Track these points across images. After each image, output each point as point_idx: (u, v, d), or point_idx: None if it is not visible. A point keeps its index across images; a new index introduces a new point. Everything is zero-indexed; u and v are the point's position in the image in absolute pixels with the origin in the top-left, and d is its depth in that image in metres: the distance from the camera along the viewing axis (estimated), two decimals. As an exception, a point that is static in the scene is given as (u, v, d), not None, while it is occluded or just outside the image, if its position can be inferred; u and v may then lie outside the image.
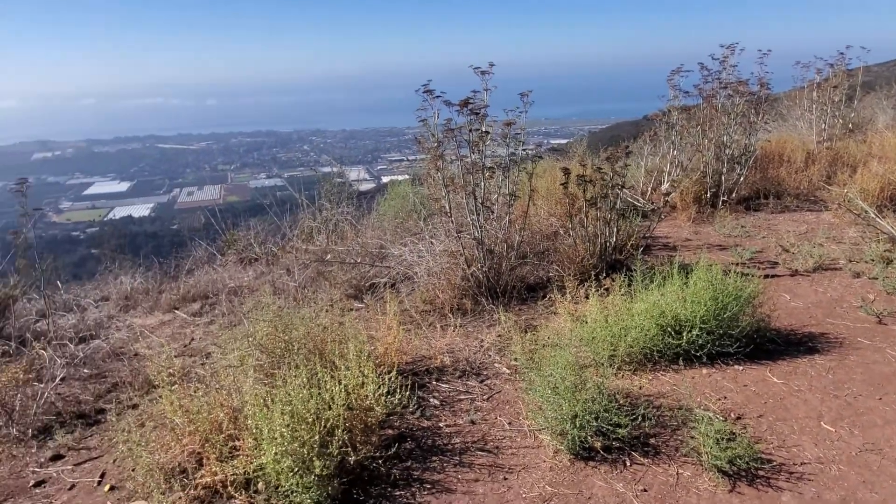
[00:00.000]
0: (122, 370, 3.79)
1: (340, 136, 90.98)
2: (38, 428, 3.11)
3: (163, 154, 79.76)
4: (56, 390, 3.38)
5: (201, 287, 5.47)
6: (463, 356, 3.60)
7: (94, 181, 64.13)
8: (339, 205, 7.13)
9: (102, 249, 10.09)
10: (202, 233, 7.75)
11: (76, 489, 2.56)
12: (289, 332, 3.04)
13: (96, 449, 2.91)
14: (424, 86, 4.41)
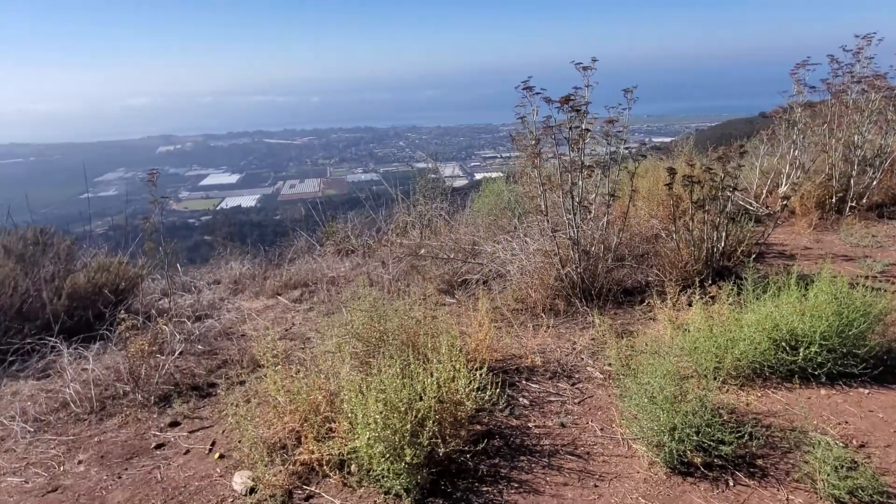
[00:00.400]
0: (230, 349, 4.11)
1: (435, 132, 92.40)
2: (159, 396, 3.45)
3: (269, 148, 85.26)
4: (174, 363, 3.73)
5: (302, 275, 5.79)
6: (554, 357, 3.55)
7: (209, 173, 69.91)
8: (433, 200, 7.26)
9: (214, 237, 10.98)
10: (303, 224, 8.21)
11: (190, 454, 2.81)
12: (383, 322, 3.15)
13: (208, 419, 3.18)
14: (524, 82, 4.38)
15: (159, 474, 2.65)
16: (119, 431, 3.11)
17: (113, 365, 3.71)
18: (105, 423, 3.22)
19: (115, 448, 2.93)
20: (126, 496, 2.49)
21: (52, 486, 2.64)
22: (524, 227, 5.29)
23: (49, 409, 3.38)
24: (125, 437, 3.04)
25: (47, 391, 3.60)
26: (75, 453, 2.92)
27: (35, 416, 3.31)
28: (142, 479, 2.62)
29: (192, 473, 2.63)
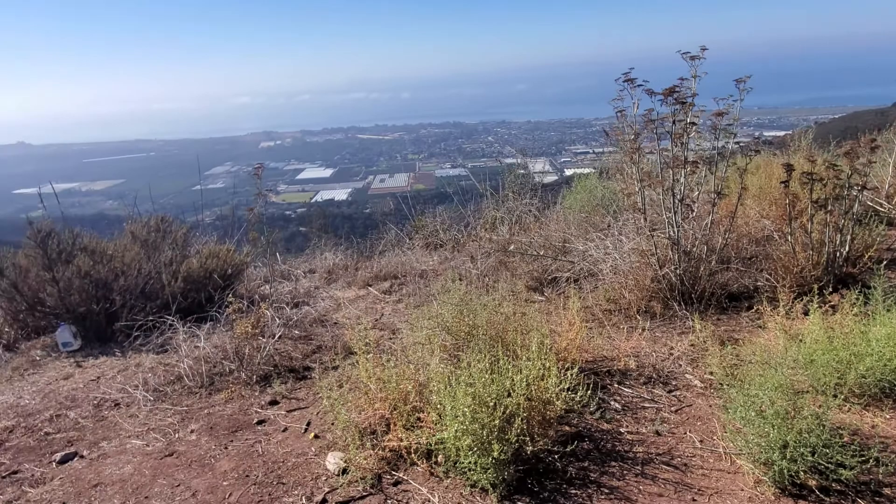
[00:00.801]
0: (324, 335, 4.32)
1: (525, 127, 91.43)
2: (260, 375, 3.69)
3: (361, 144, 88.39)
4: (274, 346, 3.97)
5: (391, 267, 5.97)
6: (649, 362, 3.41)
7: (305, 167, 73.71)
8: (522, 196, 7.21)
9: (309, 228, 11.55)
10: (392, 217, 8.46)
11: (288, 432, 2.99)
12: (473, 316, 3.17)
13: (303, 400, 3.37)
14: (625, 74, 4.22)
15: (260, 448, 2.84)
16: (225, 406, 3.37)
17: (220, 344, 4.02)
18: (213, 397, 3.51)
19: (222, 421, 3.18)
20: (232, 465, 2.70)
21: (168, 450, 2.91)
22: (619, 225, 5.11)
23: (166, 380, 3.73)
24: (231, 411, 3.29)
25: (165, 365, 3.98)
26: (188, 423, 3.20)
27: (155, 387, 3.66)
28: (245, 451, 2.83)
29: (289, 450, 2.80)
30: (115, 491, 2.60)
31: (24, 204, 53.61)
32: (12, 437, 3.27)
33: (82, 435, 3.22)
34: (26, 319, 5.02)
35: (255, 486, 2.51)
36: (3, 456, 3.07)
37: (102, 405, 3.56)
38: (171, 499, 2.49)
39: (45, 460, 2.98)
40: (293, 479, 2.55)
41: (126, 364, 4.17)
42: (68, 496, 2.61)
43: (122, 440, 3.09)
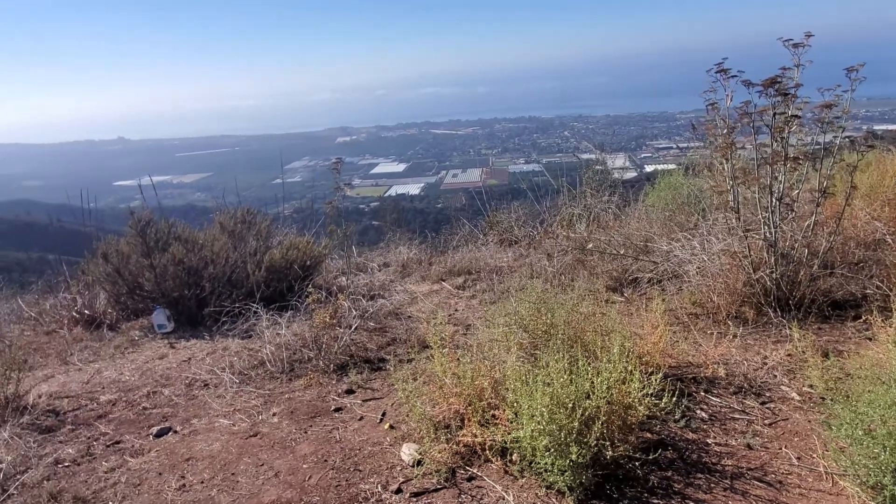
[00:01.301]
0: (399, 328, 4.42)
1: (603, 121, 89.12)
2: (337, 365, 3.83)
3: (434, 138, 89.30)
4: (350, 336, 4.10)
5: (465, 263, 6.00)
6: (740, 371, 3.24)
7: (379, 162, 75.48)
8: (600, 193, 7.03)
9: (383, 222, 11.81)
10: (464, 213, 8.49)
11: (363, 421, 3.09)
12: (550, 315, 3.14)
13: (378, 391, 3.46)
14: (718, 64, 4.02)
15: (338, 435, 2.95)
16: (305, 392, 3.52)
17: (300, 332, 4.20)
18: (293, 382, 3.68)
19: (302, 406, 3.33)
20: (311, 449, 2.82)
21: (253, 431, 3.09)
22: (707, 225, 4.88)
23: (250, 364, 3.95)
24: (309, 397, 3.44)
25: (249, 350, 4.21)
26: (270, 406, 3.38)
27: (240, 370, 3.89)
28: (324, 436, 2.95)
29: (365, 438, 2.89)
30: (205, 466, 2.79)
31: (123, 195, 58.23)
32: (115, 410, 3.58)
33: (175, 411, 3.47)
34: (126, 302, 5.47)
35: (333, 471, 2.61)
36: (107, 426, 3.36)
37: (193, 385, 3.82)
38: (256, 477, 2.64)
39: (143, 433, 3.24)
40: (369, 466, 2.63)
41: (214, 347, 4.45)
42: (164, 467, 2.82)
43: (210, 419, 3.30)
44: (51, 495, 2.66)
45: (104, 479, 2.79)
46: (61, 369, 4.36)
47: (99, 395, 3.79)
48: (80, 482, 2.78)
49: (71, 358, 4.56)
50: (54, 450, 3.10)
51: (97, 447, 3.12)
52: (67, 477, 2.83)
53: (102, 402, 3.70)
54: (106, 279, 5.39)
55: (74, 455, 3.03)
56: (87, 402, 3.72)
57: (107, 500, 2.60)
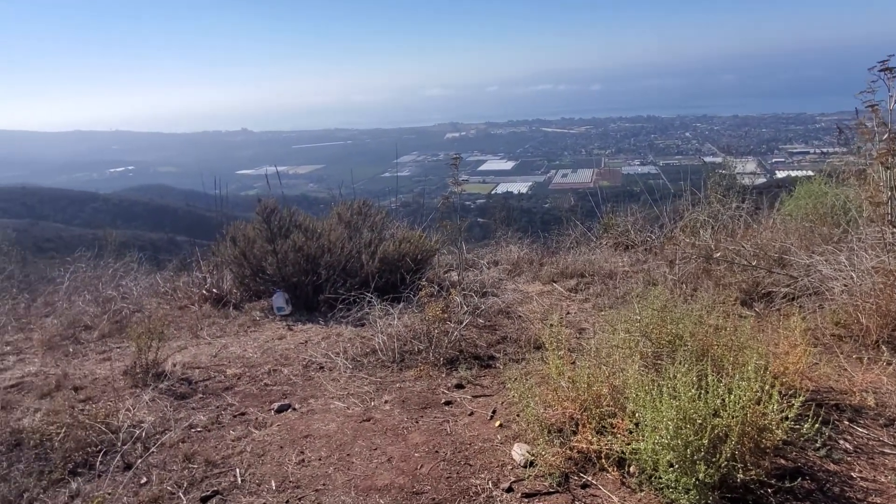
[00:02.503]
0: (509, 326, 4.45)
1: (730, 122, 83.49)
2: (447, 359, 3.94)
3: (545, 137, 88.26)
4: (460, 332, 4.20)
5: (578, 265, 5.90)
6: (893, 402, 2.93)
7: (487, 159, 75.95)
8: (728, 199, 6.62)
9: (492, 220, 11.88)
10: (572, 214, 8.34)
11: (473, 417, 3.16)
12: (676, 325, 3.02)
13: (488, 388, 3.52)
14: (882, 62, 3.65)
15: (448, 427, 3.04)
16: (415, 383, 3.66)
17: (410, 324, 4.36)
18: (404, 373, 3.83)
19: (413, 396, 3.47)
20: (423, 439, 2.93)
21: (366, 416, 3.27)
22: (856, 239, 4.44)
23: (362, 352, 4.17)
24: (420, 388, 3.57)
25: (362, 337, 4.44)
26: (382, 393, 3.55)
27: (353, 356, 4.11)
28: (434, 428, 3.05)
29: (475, 434, 2.95)
30: (322, 444, 2.99)
31: (244, 183, 63.17)
32: (239, 384, 3.93)
33: (294, 390, 3.75)
34: (249, 284, 5.96)
35: (444, 463, 2.70)
36: (233, 398, 3.70)
37: (309, 366, 4.09)
38: (370, 460, 2.79)
39: (265, 407, 3.53)
40: (479, 462, 2.69)
41: (328, 332, 4.73)
42: (284, 442, 3.06)
43: (326, 400, 3.53)
44: (185, 456, 2.97)
45: (231, 446, 3.08)
46: (192, 342, 4.84)
47: (225, 369, 4.17)
48: (210, 447, 3.08)
49: (201, 332, 5.04)
50: (188, 415, 3.46)
51: (225, 416, 3.44)
52: (199, 441, 3.15)
53: (229, 375, 4.06)
54: (233, 261, 5.92)
55: (205, 422, 3.37)
56: (215, 373, 4.10)
57: (234, 467, 2.87)
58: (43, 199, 60.02)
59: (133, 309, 5.67)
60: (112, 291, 6.11)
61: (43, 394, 3.79)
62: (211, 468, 2.85)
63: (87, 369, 4.24)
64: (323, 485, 2.63)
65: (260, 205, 5.84)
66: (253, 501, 2.58)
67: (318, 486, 2.63)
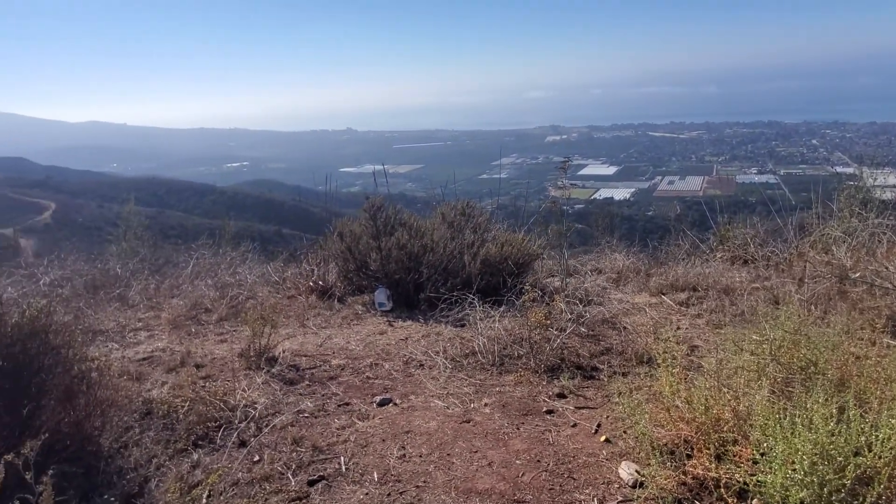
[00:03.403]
0: (613, 338, 4.30)
1: (866, 130, 76.17)
2: (548, 366, 3.86)
3: (651, 142, 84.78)
4: (562, 339, 4.11)
5: (690, 278, 5.60)
6: None
7: (588, 163, 74.15)
8: (865, 214, 6.01)
9: (594, 226, 11.56)
10: (679, 223, 7.92)
11: (577, 429, 3.08)
12: (811, 350, 2.77)
13: (591, 400, 3.41)
14: None
15: (550, 437, 2.98)
16: (515, 388, 3.63)
17: (511, 328, 4.33)
18: (503, 377, 3.81)
19: (513, 402, 3.43)
20: (524, 447, 2.90)
21: (465, 417, 3.28)
22: None
23: (462, 353, 4.19)
24: (520, 394, 3.53)
25: (461, 338, 4.46)
26: (482, 396, 3.55)
27: (452, 356, 4.15)
28: (536, 436, 3.00)
29: (579, 447, 2.87)
30: (423, 441, 3.04)
31: (345, 180, 65.97)
32: (343, 374, 4.08)
33: (394, 385, 3.83)
34: (353, 278, 6.18)
35: (547, 473, 2.65)
36: (337, 388, 3.85)
37: (410, 363, 4.17)
38: (470, 462, 2.80)
39: (367, 400, 3.64)
40: (584, 477, 2.61)
41: (428, 331, 4.80)
42: (386, 435, 3.14)
43: (426, 398, 3.58)
44: (294, 440, 3.12)
45: (336, 434, 3.20)
46: (300, 331, 5.09)
47: (330, 359, 4.35)
48: (316, 433, 3.22)
49: (307, 322, 5.29)
50: (296, 401, 3.63)
51: (330, 405, 3.58)
52: (307, 426, 3.30)
53: (333, 365, 4.23)
54: (339, 255, 6.17)
55: (312, 408, 3.52)
56: (320, 363, 4.29)
57: (338, 454, 2.97)
58: (170, 190, 66.06)
59: (247, 295, 6.06)
60: (229, 278, 6.57)
61: (169, 368, 4.14)
62: (317, 453, 2.97)
63: (206, 349, 4.58)
64: (424, 482, 2.67)
65: (367, 202, 6.04)
66: (356, 490, 2.66)
67: (418, 483, 2.66)
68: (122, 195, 51.89)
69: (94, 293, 6.12)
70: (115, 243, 9.66)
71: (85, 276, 6.56)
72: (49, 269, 6.61)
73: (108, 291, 6.22)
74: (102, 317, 5.38)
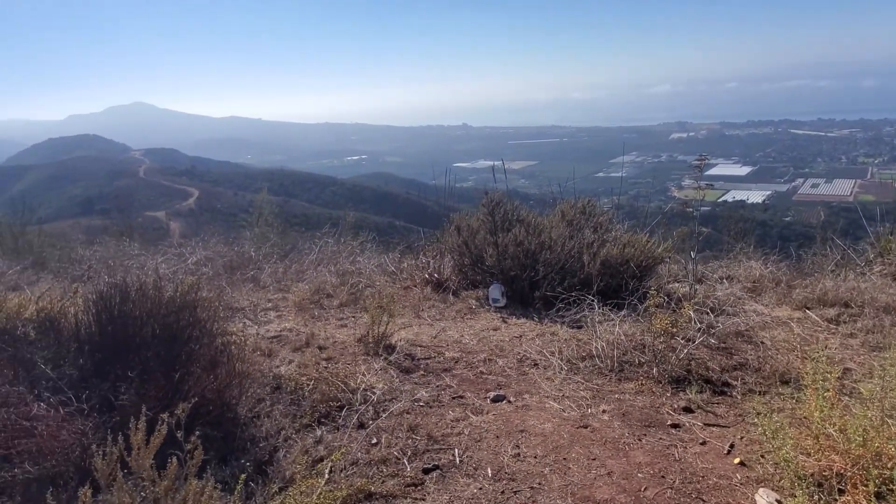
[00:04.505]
0: (748, 352, 3.98)
1: None
2: (673, 377, 3.65)
3: (794, 140, 77.62)
4: (690, 349, 3.86)
5: (841, 293, 5.05)
6: None
7: (718, 163, 69.35)
8: None
9: (722, 231, 10.80)
10: (822, 231, 7.15)
11: (706, 447, 2.88)
12: None
13: (722, 417, 3.18)
14: None
15: (676, 453, 2.82)
16: (636, 397, 3.47)
17: (631, 334, 4.15)
18: (623, 384, 3.66)
19: (634, 411, 3.29)
20: (646, 460, 2.76)
21: (582, 422, 3.18)
22: None
23: (578, 355, 4.08)
24: (641, 404, 3.37)
25: (578, 340, 4.35)
26: (599, 402, 3.43)
27: (568, 358, 4.05)
28: (660, 450, 2.85)
29: (708, 467, 2.69)
30: (538, 442, 2.99)
31: (459, 175, 66.96)
32: (457, 367, 4.12)
33: (508, 382, 3.81)
34: (468, 272, 6.23)
35: (672, 491, 2.50)
36: (451, 380, 3.89)
37: (524, 361, 4.13)
38: (588, 469, 2.71)
39: (480, 394, 3.65)
40: (714, 500, 2.44)
41: (543, 330, 4.73)
42: (500, 432, 3.13)
43: (540, 398, 3.53)
44: (409, 427, 3.21)
45: (450, 426, 3.24)
46: (415, 321, 5.22)
47: (444, 351, 4.42)
48: (431, 423, 3.28)
49: (422, 313, 5.41)
50: (412, 389, 3.73)
51: (444, 396, 3.64)
52: (422, 415, 3.38)
53: (447, 357, 4.29)
54: (455, 249, 6.24)
55: (427, 398, 3.60)
56: (434, 354, 4.37)
57: (453, 446, 3.01)
58: (295, 181, 70.78)
59: (366, 284, 6.32)
60: (349, 266, 6.89)
61: (295, 348, 4.42)
62: (432, 443, 3.03)
63: (328, 332, 4.83)
64: (539, 483, 2.63)
65: (486, 197, 6.06)
66: (470, 484, 2.68)
67: (533, 484, 2.63)
68: (254, 184, 56.30)
69: (232, 273, 6.68)
70: (249, 229, 10.48)
71: (224, 257, 7.19)
72: (195, 249, 7.31)
73: (243, 272, 6.76)
74: (238, 296, 5.86)
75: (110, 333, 2.92)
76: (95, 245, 8.07)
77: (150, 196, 60.32)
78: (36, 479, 2.15)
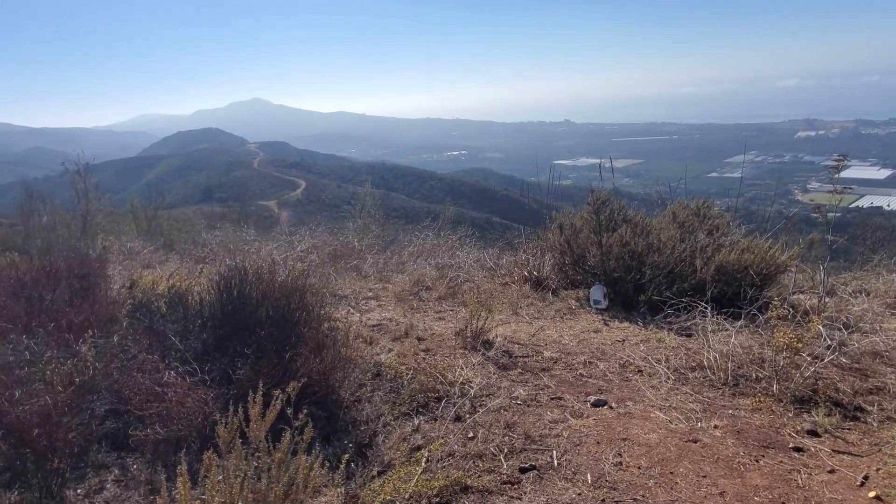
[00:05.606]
0: (888, 376, 3.59)
1: None
2: (796, 396, 3.37)
3: (944, 141, 69.18)
4: (817, 368, 3.55)
5: None
6: None
7: (850, 165, 63.10)
8: None
9: (857, 239, 9.83)
10: None
11: (835, 476, 2.63)
12: None
13: (854, 445, 2.89)
14: None
15: (799, 479, 2.60)
16: (752, 414, 3.23)
17: (748, 346, 3.87)
18: (737, 400, 3.42)
19: (750, 429, 3.07)
20: (764, 483, 2.57)
21: (691, 436, 3.02)
22: None
23: (687, 365, 3.87)
24: (759, 422, 3.14)
25: (687, 348, 4.13)
26: (710, 416, 3.23)
27: (675, 367, 3.86)
28: (780, 474, 2.64)
29: (837, 498, 2.45)
30: (642, 452, 2.87)
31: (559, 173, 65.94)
32: (555, 368, 4.05)
33: (609, 387, 3.69)
34: (568, 272, 6.10)
35: (793, 520, 2.31)
36: (549, 380, 3.83)
37: (627, 367, 3.98)
38: (697, 486, 2.57)
39: (580, 398, 3.56)
40: (843, 534, 2.23)
41: (648, 336, 4.54)
42: (601, 438, 3.04)
43: (645, 407, 3.38)
44: (506, 424, 3.19)
45: (548, 427, 3.18)
46: (513, 318, 5.18)
47: (542, 350, 4.35)
48: (529, 422, 3.24)
49: (520, 310, 5.37)
50: (509, 386, 3.70)
51: (542, 396, 3.58)
52: (519, 413, 3.35)
53: (545, 357, 4.23)
54: (556, 247, 6.13)
55: (525, 396, 3.56)
56: (532, 353, 4.31)
57: (551, 448, 2.96)
58: (396, 175, 72.84)
59: (464, 278, 6.37)
60: (448, 259, 6.98)
61: (395, 337, 4.54)
62: (529, 442, 2.99)
63: (426, 324, 4.91)
64: (642, 496, 2.52)
65: (591, 195, 5.89)
66: (568, 488, 2.62)
67: (636, 496, 2.52)
68: (356, 177, 58.57)
69: (336, 262, 6.97)
70: (352, 220, 10.88)
71: (329, 245, 7.52)
72: (303, 237, 7.70)
73: (346, 261, 7.04)
74: (342, 284, 6.11)
75: (230, 312, 3.14)
76: (216, 230, 8.74)
77: (263, 186, 64.60)
78: (164, 440, 2.36)
